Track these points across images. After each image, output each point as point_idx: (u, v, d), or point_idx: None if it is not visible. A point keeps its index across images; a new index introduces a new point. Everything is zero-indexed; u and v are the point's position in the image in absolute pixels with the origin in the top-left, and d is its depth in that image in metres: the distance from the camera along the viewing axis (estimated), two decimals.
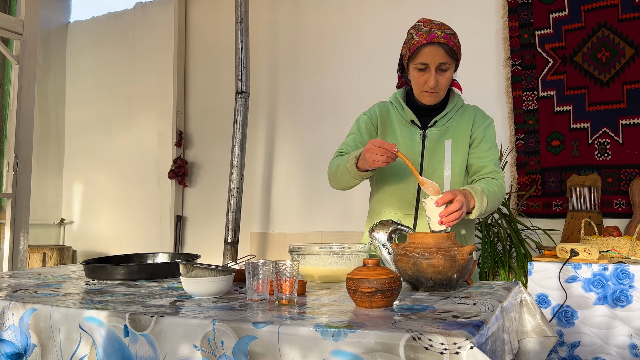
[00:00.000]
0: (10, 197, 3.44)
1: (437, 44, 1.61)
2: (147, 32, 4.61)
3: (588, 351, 2.12)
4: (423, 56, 1.62)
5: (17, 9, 4.05)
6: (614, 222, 2.85)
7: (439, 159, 1.72)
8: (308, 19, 3.95)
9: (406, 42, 1.70)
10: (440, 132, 1.73)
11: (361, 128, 1.81)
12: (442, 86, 1.67)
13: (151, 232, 4.43)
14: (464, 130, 1.73)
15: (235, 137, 3.72)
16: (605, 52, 2.94)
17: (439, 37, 1.61)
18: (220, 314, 1.10)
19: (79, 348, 1.16)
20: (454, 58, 1.65)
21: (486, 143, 1.73)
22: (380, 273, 1.15)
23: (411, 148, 1.73)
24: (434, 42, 1.60)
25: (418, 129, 1.75)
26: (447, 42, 1.61)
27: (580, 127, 2.99)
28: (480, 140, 1.73)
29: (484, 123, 1.75)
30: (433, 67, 1.63)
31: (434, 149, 1.73)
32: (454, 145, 1.72)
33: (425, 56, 1.62)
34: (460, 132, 1.74)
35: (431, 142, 1.73)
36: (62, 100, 4.93)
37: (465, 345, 0.87)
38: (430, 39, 1.61)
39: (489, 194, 1.58)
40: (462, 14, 3.37)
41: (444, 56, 1.62)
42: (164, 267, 1.71)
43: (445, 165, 1.70)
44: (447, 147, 1.71)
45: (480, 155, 1.72)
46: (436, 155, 1.72)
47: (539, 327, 1.40)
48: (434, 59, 1.62)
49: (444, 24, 1.66)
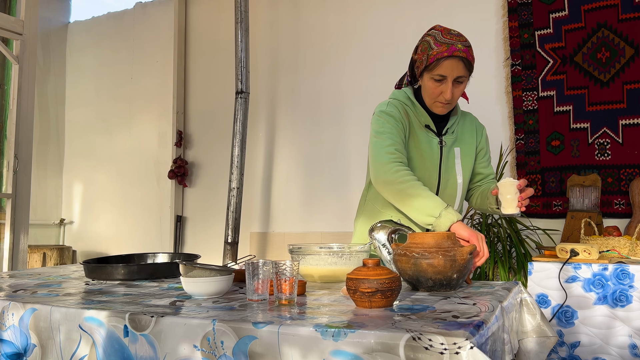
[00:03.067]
0: (10, 197, 3.45)
1: (457, 58, 1.59)
2: (147, 32, 4.61)
3: (588, 351, 2.12)
4: (442, 68, 1.60)
5: (17, 9, 4.05)
6: (614, 222, 2.85)
7: (451, 166, 1.75)
8: (308, 19, 3.95)
9: (422, 50, 1.66)
10: (452, 140, 1.76)
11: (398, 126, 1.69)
12: (455, 98, 1.67)
13: (151, 232, 4.43)
14: (470, 138, 1.80)
15: (235, 137, 3.72)
16: (605, 52, 2.94)
17: (459, 50, 1.59)
18: (220, 314, 1.10)
19: (79, 348, 1.16)
20: (470, 71, 1.65)
21: (488, 153, 1.87)
22: (380, 273, 1.15)
23: (431, 155, 1.73)
24: (455, 56, 1.59)
25: (434, 135, 1.74)
26: (466, 56, 1.60)
27: (580, 127, 2.99)
28: (485, 151, 1.85)
29: (483, 132, 1.86)
30: (450, 79, 1.62)
31: (447, 156, 1.75)
32: (462, 153, 1.77)
33: (445, 69, 1.60)
34: (467, 140, 1.79)
35: (446, 149, 1.75)
36: (62, 100, 4.93)
37: (465, 345, 0.87)
38: (451, 52, 1.59)
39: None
40: (462, 14, 3.37)
41: (462, 70, 1.61)
42: (164, 267, 1.71)
43: (457, 173, 1.75)
44: (457, 154, 1.75)
45: (485, 165, 1.86)
46: (449, 162, 1.75)
47: (539, 327, 1.40)
48: (452, 72, 1.60)
49: (462, 35, 1.65)
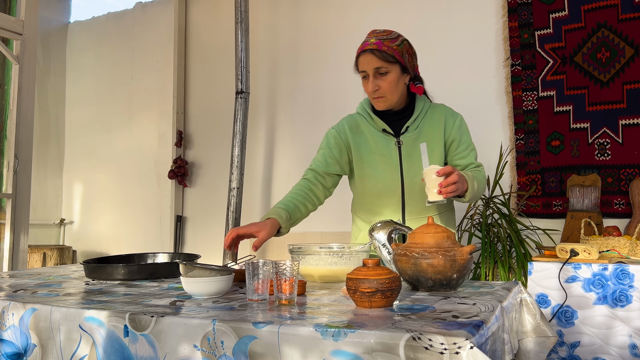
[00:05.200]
0: (10, 197, 3.45)
1: (367, 52, 1.70)
2: (147, 32, 4.61)
3: (588, 351, 2.12)
4: (360, 65, 1.74)
5: (17, 9, 4.06)
6: (613, 222, 2.85)
7: (417, 162, 1.78)
8: (308, 19, 3.95)
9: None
10: (414, 137, 1.80)
11: (330, 143, 1.87)
12: (386, 90, 1.72)
13: (151, 232, 4.43)
14: (437, 131, 1.80)
15: (235, 137, 3.72)
16: (605, 52, 2.95)
17: (370, 44, 1.70)
18: (220, 314, 1.10)
19: (79, 348, 1.16)
20: (390, 61, 1.69)
21: (464, 142, 1.82)
22: (380, 273, 1.15)
23: (389, 157, 1.80)
24: (365, 50, 1.71)
25: (392, 137, 1.80)
26: (377, 48, 1.68)
27: (580, 127, 2.99)
28: (458, 141, 1.81)
29: (455, 122, 1.82)
30: (371, 73, 1.71)
31: (410, 154, 1.79)
32: (428, 147, 1.78)
33: (361, 64, 1.73)
34: (434, 134, 1.80)
35: (407, 148, 1.79)
36: (62, 100, 4.93)
37: (465, 345, 0.87)
38: (363, 48, 1.72)
39: (477, 180, 1.67)
40: (462, 14, 3.37)
41: (377, 61, 1.69)
42: (164, 267, 1.71)
43: (423, 167, 1.74)
44: (423, 150, 1.77)
45: (463, 155, 1.81)
46: (413, 160, 1.78)
47: (538, 327, 1.40)
48: (368, 65, 1.71)
49: (387, 31, 1.74)
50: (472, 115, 3.33)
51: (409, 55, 1.74)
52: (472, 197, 1.65)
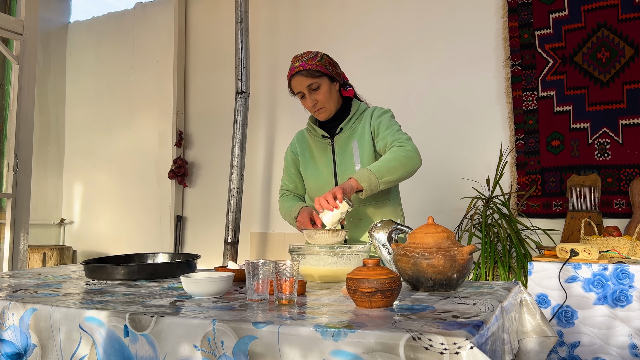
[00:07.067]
0: (10, 197, 3.45)
1: (296, 74, 1.89)
2: (147, 32, 4.61)
3: (588, 351, 2.12)
4: (294, 88, 1.93)
5: (17, 9, 4.06)
6: (613, 222, 2.85)
7: (349, 159, 1.93)
8: (308, 19, 3.95)
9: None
10: (347, 136, 1.96)
11: (288, 162, 2.13)
12: (323, 101, 1.91)
13: (151, 232, 4.43)
14: (367, 128, 1.95)
15: (235, 137, 3.72)
16: (605, 52, 2.95)
17: (296, 67, 1.89)
18: (220, 314, 1.10)
19: (79, 348, 1.16)
20: (317, 76, 1.88)
21: (383, 125, 1.90)
22: (380, 273, 1.15)
23: (324, 156, 1.99)
24: (294, 74, 1.90)
25: (328, 139, 2.00)
26: (303, 68, 1.87)
27: (580, 127, 2.99)
28: (377, 127, 1.92)
29: (374, 114, 1.96)
30: (306, 92, 1.90)
31: (344, 151, 1.95)
32: (359, 143, 1.93)
33: (295, 87, 1.93)
34: (364, 132, 1.95)
35: (340, 146, 1.96)
36: (62, 100, 4.93)
37: (465, 345, 0.87)
38: (291, 73, 1.91)
39: (381, 165, 1.72)
40: (462, 14, 3.37)
41: (307, 80, 1.88)
42: (164, 267, 1.71)
43: (355, 161, 1.92)
44: (355, 147, 1.93)
45: (382, 137, 1.89)
46: (346, 156, 1.94)
47: (538, 327, 1.40)
48: (301, 85, 1.90)
49: (306, 53, 1.93)
50: (472, 115, 3.35)
51: (332, 65, 1.93)
52: (372, 189, 1.69)
